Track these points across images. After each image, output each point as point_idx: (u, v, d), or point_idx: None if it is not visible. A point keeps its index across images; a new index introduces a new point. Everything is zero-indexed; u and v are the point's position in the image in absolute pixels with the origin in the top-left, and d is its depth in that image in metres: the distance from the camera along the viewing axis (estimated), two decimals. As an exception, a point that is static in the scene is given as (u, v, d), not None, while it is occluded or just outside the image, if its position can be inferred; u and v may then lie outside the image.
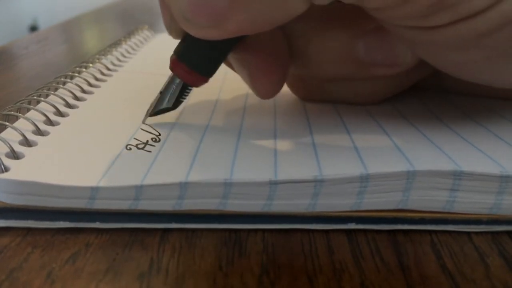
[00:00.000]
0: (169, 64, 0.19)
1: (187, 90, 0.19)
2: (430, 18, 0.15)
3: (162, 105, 0.19)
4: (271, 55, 0.19)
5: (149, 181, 0.15)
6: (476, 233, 0.15)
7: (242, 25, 0.15)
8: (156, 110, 0.19)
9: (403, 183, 0.15)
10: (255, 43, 0.19)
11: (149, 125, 0.19)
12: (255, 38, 0.18)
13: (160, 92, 0.19)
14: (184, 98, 0.19)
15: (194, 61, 0.18)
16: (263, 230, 0.15)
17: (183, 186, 0.15)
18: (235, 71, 0.21)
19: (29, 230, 0.15)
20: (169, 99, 0.19)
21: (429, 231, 0.15)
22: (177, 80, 0.19)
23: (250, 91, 0.24)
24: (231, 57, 0.19)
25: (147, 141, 0.18)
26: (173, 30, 0.18)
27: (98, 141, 0.18)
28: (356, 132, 0.18)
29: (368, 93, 0.21)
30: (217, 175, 0.15)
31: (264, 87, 0.19)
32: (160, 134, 0.18)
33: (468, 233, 0.15)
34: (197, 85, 0.19)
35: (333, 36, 0.19)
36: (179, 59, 0.18)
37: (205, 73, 0.19)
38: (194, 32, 0.16)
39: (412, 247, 0.14)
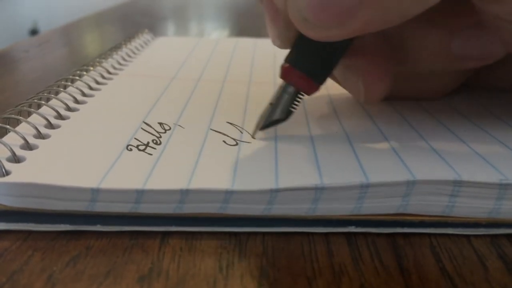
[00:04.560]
0: (280, 73, 0.18)
1: (298, 99, 0.18)
2: None
3: (275, 116, 0.18)
4: (379, 55, 0.18)
5: (150, 186, 0.15)
6: (475, 236, 0.15)
7: (370, 22, 0.14)
8: (267, 122, 0.18)
9: (403, 189, 0.15)
10: (363, 46, 0.18)
11: (150, 125, 0.19)
12: (362, 40, 0.17)
13: (270, 103, 0.19)
14: (295, 108, 0.18)
15: (309, 67, 0.18)
16: (263, 233, 0.15)
17: (184, 192, 0.15)
18: (336, 81, 0.20)
19: (30, 233, 0.15)
20: (281, 110, 0.18)
21: (429, 234, 0.15)
22: (289, 89, 0.18)
23: (249, 96, 0.24)
24: (339, 64, 0.18)
25: (148, 142, 0.18)
26: (283, 37, 0.17)
27: (99, 143, 0.18)
28: (356, 139, 0.18)
29: (439, 88, 0.21)
30: (219, 183, 0.15)
31: (378, 90, 0.18)
32: (161, 136, 0.18)
33: (467, 236, 0.15)
34: (310, 93, 0.18)
35: (433, 32, 0.18)
36: (293, 66, 0.18)
37: (319, 80, 0.18)
38: (313, 34, 0.15)
39: (412, 250, 0.14)
